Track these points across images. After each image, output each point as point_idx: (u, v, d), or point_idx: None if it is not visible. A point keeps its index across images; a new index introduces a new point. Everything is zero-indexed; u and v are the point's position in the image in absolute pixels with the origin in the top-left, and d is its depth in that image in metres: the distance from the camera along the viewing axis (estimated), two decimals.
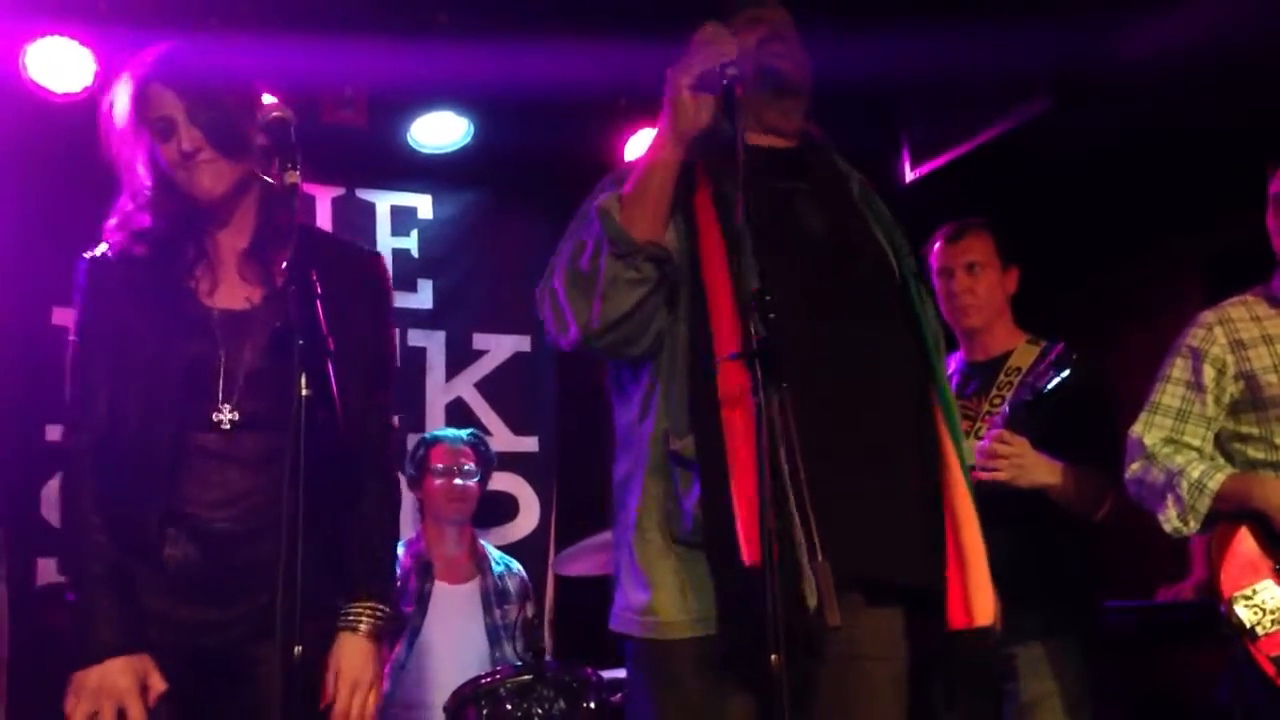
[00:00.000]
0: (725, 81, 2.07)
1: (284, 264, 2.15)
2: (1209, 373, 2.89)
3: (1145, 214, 4.34)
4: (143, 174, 2.25)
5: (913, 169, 4.95)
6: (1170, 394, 2.93)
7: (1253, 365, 2.86)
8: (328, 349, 1.78)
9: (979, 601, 2.18)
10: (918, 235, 3.53)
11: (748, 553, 1.96)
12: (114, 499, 2.15)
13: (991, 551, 3.05)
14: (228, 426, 2.16)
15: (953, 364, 3.42)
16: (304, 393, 1.78)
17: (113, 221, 2.27)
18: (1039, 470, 3.06)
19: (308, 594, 1.87)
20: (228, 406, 2.16)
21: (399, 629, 3.83)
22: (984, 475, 3.04)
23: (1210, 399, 2.89)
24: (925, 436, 2.23)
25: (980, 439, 3.15)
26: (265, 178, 2.29)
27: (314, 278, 1.83)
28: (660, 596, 2.13)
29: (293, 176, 1.93)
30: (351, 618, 2.21)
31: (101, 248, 2.26)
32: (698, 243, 2.17)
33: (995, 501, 3.07)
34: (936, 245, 3.46)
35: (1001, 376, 3.26)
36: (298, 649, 1.72)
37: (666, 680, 2.14)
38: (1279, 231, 2.91)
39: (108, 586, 2.10)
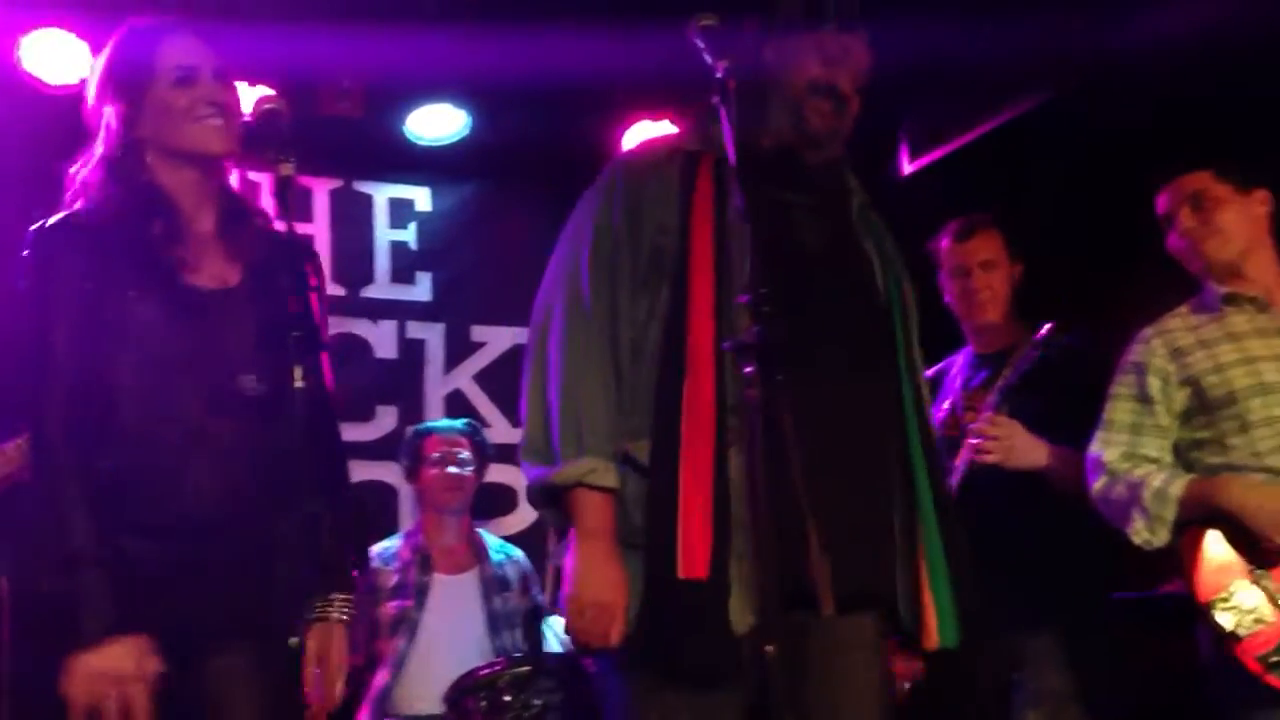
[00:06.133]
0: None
1: (254, 249, 2.15)
2: (1154, 384, 2.92)
3: (1147, 205, 4.32)
4: (105, 143, 2.20)
5: (910, 161, 4.93)
6: (1121, 410, 2.95)
7: (1193, 370, 2.89)
8: (322, 341, 1.77)
9: (930, 624, 2.19)
10: (915, 228, 3.53)
11: (684, 565, 1.96)
12: (114, 480, 2.06)
13: (998, 542, 3.09)
14: (238, 403, 2.09)
15: (961, 358, 3.50)
16: (299, 384, 1.77)
17: (74, 189, 2.22)
18: (1029, 452, 3.11)
19: (295, 584, 1.91)
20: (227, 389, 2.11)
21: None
22: (975, 457, 3.10)
23: (1160, 409, 2.91)
24: (895, 462, 2.21)
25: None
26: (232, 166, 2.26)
27: (309, 269, 1.83)
28: None
29: (286, 168, 1.92)
30: (331, 608, 2.21)
31: (56, 218, 2.19)
32: (689, 239, 2.13)
33: (999, 492, 3.12)
34: (945, 243, 3.48)
35: (1007, 369, 3.28)
36: (293, 640, 1.72)
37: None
38: (1182, 251, 2.99)
39: (97, 564, 2.00)
